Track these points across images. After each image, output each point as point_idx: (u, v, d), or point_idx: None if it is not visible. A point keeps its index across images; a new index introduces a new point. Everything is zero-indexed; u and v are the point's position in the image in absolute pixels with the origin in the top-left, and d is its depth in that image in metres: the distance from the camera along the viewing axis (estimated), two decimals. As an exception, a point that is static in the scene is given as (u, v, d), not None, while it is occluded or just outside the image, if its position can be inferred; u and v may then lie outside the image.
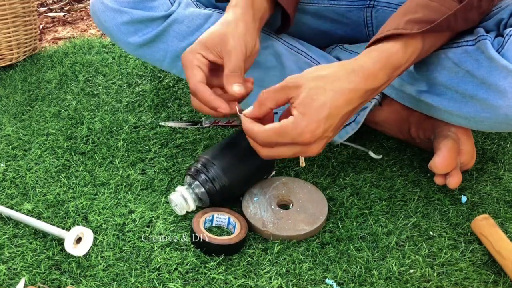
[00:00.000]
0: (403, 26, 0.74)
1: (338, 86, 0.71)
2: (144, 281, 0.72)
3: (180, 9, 0.98)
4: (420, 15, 0.75)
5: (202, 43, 0.81)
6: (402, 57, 0.74)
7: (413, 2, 0.78)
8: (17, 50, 1.35)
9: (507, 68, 0.74)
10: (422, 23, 0.74)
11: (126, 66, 1.33)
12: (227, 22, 0.82)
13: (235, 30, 0.80)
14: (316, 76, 0.72)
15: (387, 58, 0.74)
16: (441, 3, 0.76)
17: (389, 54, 0.74)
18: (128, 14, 0.97)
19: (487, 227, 0.78)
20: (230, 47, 0.79)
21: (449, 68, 0.81)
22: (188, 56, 0.81)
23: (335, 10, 1.04)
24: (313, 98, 0.70)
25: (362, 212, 0.86)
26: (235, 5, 0.85)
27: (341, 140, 1.00)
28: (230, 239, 0.76)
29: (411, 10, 0.76)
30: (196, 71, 0.79)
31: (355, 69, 0.72)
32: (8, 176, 0.93)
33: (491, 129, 0.83)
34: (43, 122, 1.09)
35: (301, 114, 0.70)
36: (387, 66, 0.73)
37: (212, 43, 0.80)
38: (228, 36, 0.80)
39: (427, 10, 0.75)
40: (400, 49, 0.74)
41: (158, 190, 0.89)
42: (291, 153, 0.74)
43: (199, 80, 0.79)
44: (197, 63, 0.80)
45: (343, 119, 0.73)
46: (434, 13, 0.75)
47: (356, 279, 0.73)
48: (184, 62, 0.81)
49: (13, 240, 0.79)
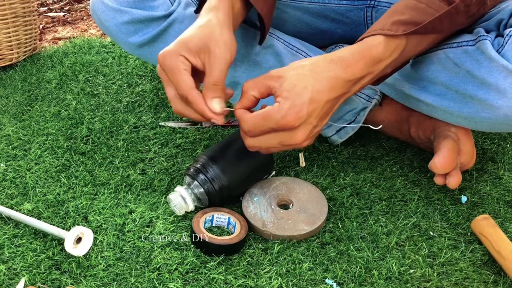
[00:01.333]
0: (389, 27, 0.75)
1: (319, 72, 0.72)
2: (144, 281, 0.72)
3: (180, 9, 0.98)
4: (406, 17, 0.75)
5: (184, 44, 0.77)
6: (383, 51, 0.74)
7: (401, 3, 0.78)
8: (17, 50, 1.35)
9: (507, 69, 0.74)
10: (407, 24, 0.75)
11: (126, 66, 1.33)
12: (211, 27, 0.78)
13: (220, 36, 0.77)
14: (297, 66, 0.74)
15: (367, 49, 0.74)
16: (428, 4, 0.76)
17: (370, 46, 0.74)
18: (129, 13, 0.97)
19: (487, 227, 0.78)
20: (214, 56, 0.76)
21: (449, 68, 0.82)
22: (171, 58, 0.76)
23: (336, 10, 1.04)
24: (295, 83, 0.71)
25: (362, 212, 0.86)
26: (216, 7, 0.81)
27: (341, 140, 1.00)
28: (230, 239, 0.76)
29: (398, 11, 0.77)
30: (185, 77, 0.76)
31: (333, 59, 0.74)
32: (8, 176, 0.93)
33: (491, 129, 0.83)
34: (43, 122, 1.09)
35: (284, 98, 0.71)
36: (367, 58, 0.74)
37: (196, 47, 0.76)
38: (213, 43, 0.76)
39: (414, 12, 0.76)
40: (382, 42, 0.74)
41: (158, 190, 0.89)
42: (277, 141, 0.73)
43: (192, 86, 0.75)
44: (183, 67, 0.76)
45: (327, 108, 0.74)
46: (421, 15, 0.75)
47: (356, 279, 0.73)
48: (167, 65, 0.76)
49: (13, 240, 0.79)
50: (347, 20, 1.05)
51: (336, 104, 0.76)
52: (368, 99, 0.99)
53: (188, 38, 0.77)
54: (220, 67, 0.76)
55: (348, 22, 1.06)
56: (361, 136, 1.04)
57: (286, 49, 1.01)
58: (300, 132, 0.72)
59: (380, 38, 0.74)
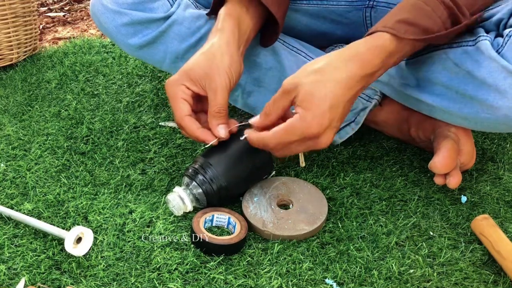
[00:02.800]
0: (392, 25, 0.75)
1: (336, 76, 0.73)
2: (144, 281, 0.72)
3: (180, 10, 0.98)
4: (411, 16, 0.76)
5: (186, 74, 0.82)
6: (395, 45, 0.75)
7: (408, 2, 0.78)
8: (17, 50, 1.36)
9: (507, 69, 0.74)
10: (411, 25, 0.75)
11: (126, 66, 1.33)
12: (212, 53, 0.82)
13: (221, 63, 0.81)
14: (312, 70, 0.74)
15: (382, 45, 0.75)
16: (433, 9, 0.76)
17: (383, 40, 0.75)
18: (128, 15, 0.97)
19: (487, 227, 0.79)
20: (215, 84, 0.80)
21: (449, 68, 0.82)
22: (172, 88, 0.82)
23: (334, 11, 1.04)
24: (313, 92, 0.72)
25: (362, 212, 0.86)
26: (221, 29, 0.85)
27: (341, 140, 1.00)
28: (230, 239, 0.76)
29: (404, 10, 0.77)
30: (181, 104, 0.81)
31: (351, 58, 0.74)
32: (8, 176, 0.93)
33: (491, 129, 0.83)
34: (43, 122, 1.09)
35: (305, 109, 0.72)
36: (381, 52, 0.74)
37: (197, 76, 0.81)
38: (213, 71, 0.80)
39: (419, 13, 0.76)
40: (393, 39, 0.75)
41: (158, 190, 0.89)
42: (303, 148, 0.75)
43: (186, 114, 0.81)
44: (181, 95, 0.81)
45: (347, 107, 0.75)
46: (426, 18, 0.76)
47: (356, 279, 0.73)
48: (168, 93, 0.82)
49: (13, 240, 0.79)
50: (346, 21, 1.05)
51: (353, 101, 0.76)
52: (368, 99, 0.99)
53: (191, 66, 0.82)
54: (221, 95, 0.80)
55: (347, 22, 1.06)
56: (361, 136, 1.04)
57: (286, 49, 1.01)
58: (324, 138, 0.74)
59: (389, 36, 0.75)
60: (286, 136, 0.74)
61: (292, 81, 0.74)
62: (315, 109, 0.71)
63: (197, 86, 0.82)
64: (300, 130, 0.72)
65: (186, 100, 0.82)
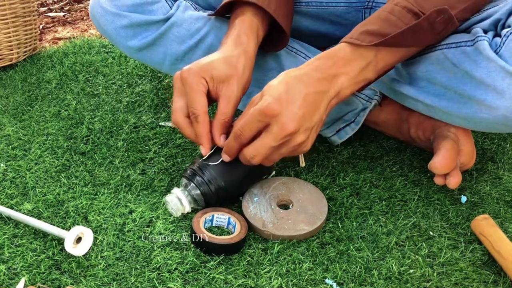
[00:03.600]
0: (356, 36, 0.77)
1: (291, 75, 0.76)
2: (144, 280, 0.72)
3: (179, 12, 0.98)
4: (375, 27, 0.77)
5: (207, 70, 0.82)
6: (351, 52, 0.77)
7: (375, 14, 0.80)
8: (17, 50, 1.36)
9: (504, 69, 0.74)
10: (375, 35, 0.76)
11: (126, 66, 1.33)
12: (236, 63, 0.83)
13: (241, 78, 0.83)
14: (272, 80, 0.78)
15: (333, 52, 0.77)
16: (399, 17, 0.77)
17: (337, 49, 0.78)
18: (127, 17, 0.97)
19: (487, 227, 0.79)
20: (231, 93, 0.82)
21: (448, 68, 0.82)
22: (195, 78, 0.81)
23: (333, 12, 1.04)
24: (270, 83, 0.76)
25: (362, 212, 0.86)
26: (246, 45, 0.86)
27: (340, 140, 1.00)
28: (230, 239, 0.76)
29: (370, 22, 0.79)
30: (203, 99, 0.81)
31: (301, 66, 0.78)
32: (8, 176, 0.93)
33: (490, 129, 0.83)
34: (43, 122, 1.09)
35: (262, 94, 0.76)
36: (334, 58, 0.77)
37: (219, 77, 0.82)
38: (233, 81, 0.82)
39: (384, 23, 0.77)
40: (348, 47, 0.77)
41: (158, 190, 0.89)
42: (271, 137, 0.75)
43: (205, 110, 0.81)
44: (202, 89, 0.81)
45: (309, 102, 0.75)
46: (390, 27, 0.77)
47: (356, 279, 0.73)
48: (190, 82, 0.81)
49: (13, 240, 0.79)
50: (346, 22, 1.06)
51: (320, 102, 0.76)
52: (368, 100, 0.99)
53: (215, 65, 0.82)
54: (232, 105, 0.82)
55: (346, 23, 1.06)
56: (361, 136, 1.04)
57: (286, 50, 1.01)
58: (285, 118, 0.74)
59: (346, 45, 0.78)
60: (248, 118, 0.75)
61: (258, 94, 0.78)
62: (271, 90, 0.74)
63: (213, 86, 0.82)
64: (258, 108, 0.74)
65: (205, 93, 0.81)
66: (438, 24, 0.78)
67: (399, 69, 0.90)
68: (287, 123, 0.74)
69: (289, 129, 0.74)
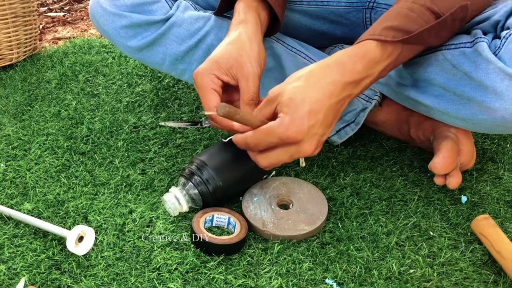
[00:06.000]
0: (380, 32, 0.75)
1: (315, 81, 0.73)
2: (144, 280, 0.72)
3: (179, 12, 0.98)
4: (397, 23, 0.76)
5: (216, 62, 0.82)
6: (380, 53, 0.75)
7: (394, 11, 0.79)
8: (17, 50, 1.36)
9: (503, 71, 0.74)
10: (398, 31, 0.75)
11: (126, 66, 1.33)
12: (241, 42, 0.83)
13: (251, 51, 0.82)
14: (294, 79, 0.74)
15: (364, 52, 0.74)
16: (419, 15, 0.77)
17: (366, 49, 0.75)
18: (127, 18, 0.97)
19: (487, 227, 0.79)
20: (247, 72, 0.81)
21: (447, 69, 0.82)
22: (202, 78, 0.81)
23: (334, 12, 1.04)
24: (292, 97, 0.72)
25: (362, 212, 0.86)
26: (245, 20, 0.86)
27: (340, 140, 1.00)
28: (230, 239, 0.76)
29: (390, 18, 0.78)
30: (212, 96, 0.81)
31: (329, 64, 0.74)
32: (8, 176, 0.93)
33: (489, 131, 0.83)
34: (43, 122, 1.09)
35: (284, 113, 0.72)
36: (364, 59, 0.74)
37: (227, 64, 0.81)
38: (244, 58, 0.81)
39: (405, 20, 0.76)
40: (378, 46, 0.75)
41: (158, 190, 0.89)
42: (287, 156, 0.75)
43: (216, 105, 0.80)
44: (212, 85, 0.81)
45: (330, 114, 0.74)
46: (412, 23, 0.76)
47: (356, 279, 0.73)
48: (197, 83, 0.82)
49: (13, 240, 0.79)
50: (346, 22, 1.06)
51: (340, 109, 0.76)
52: (368, 100, 0.99)
53: (219, 55, 0.82)
54: (253, 83, 0.80)
55: (347, 23, 1.06)
56: (361, 136, 1.04)
57: (286, 50, 1.01)
58: (306, 144, 0.73)
59: (375, 43, 0.75)
60: (265, 137, 0.73)
61: (275, 90, 0.74)
62: (293, 112, 0.71)
63: (227, 75, 0.82)
64: (278, 133, 0.72)
65: (216, 91, 0.81)
66: (458, 21, 0.78)
67: (399, 70, 0.90)
68: (307, 148, 0.73)
69: (308, 152, 0.74)
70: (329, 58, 0.75)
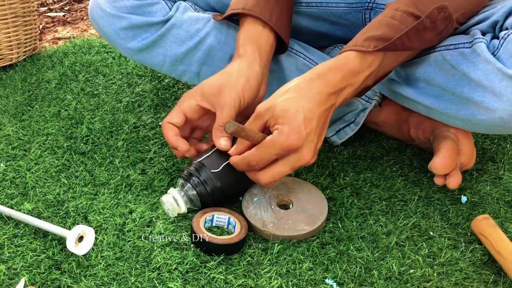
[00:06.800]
0: (361, 43, 0.77)
1: (304, 93, 0.76)
2: (144, 280, 0.72)
3: (179, 14, 0.98)
4: (379, 33, 0.77)
5: (200, 89, 0.85)
6: (359, 64, 0.77)
7: (377, 19, 0.81)
8: (17, 50, 1.36)
9: (502, 71, 0.74)
10: (379, 40, 0.77)
11: (126, 66, 1.33)
12: (229, 73, 0.86)
13: (235, 83, 0.84)
14: (282, 92, 0.77)
15: (344, 64, 0.77)
16: (401, 21, 0.78)
17: (346, 61, 0.77)
18: (127, 19, 0.97)
19: (487, 227, 0.79)
20: (223, 101, 0.83)
21: (446, 70, 0.82)
22: (183, 99, 0.86)
23: (334, 13, 1.04)
24: (287, 108, 0.74)
25: (362, 212, 0.86)
26: (242, 54, 0.88)
27: (340, 140, 1.00)
28: (230, 239, 0.76)
29: (373, 28, 0.79)
30: (174, 113, 0.85)
31: (312, 78, 0.77)
32: (8, 176, 0.93)
33: (488, 131, 0.83)
34: (43, 122, 1.09)
35: (281, 124, 0.74)
36: (344, 71, 0.77)
37: (209, 92, 0.84)
38: (225, 89, 0.84)
39: (387, 28, 0.78)
40: (358, 56, 0.77)
41: (158, 190, 0.89)
42: (289, 167, 0.77)
43: (168, 121, 0.85)
44: (183, 107, 0.85)
45: (321, 122, 0.77)
46: (394, 31, 0.77)
47: (356, 279, 0.73)
48: (179, 102, 0.86)
49: (13, 240, 0.79)
50: (346, 22, 1.06)
51: (328, 117, 0.79)
52: (368, 100, 0.99)
53: (207, 82, 0.86)
54: (227, 112, 0.82)
55: (347, 24, 1.06)
56: (361, 136, 1.04)
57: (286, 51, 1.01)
58: (305, 151, 0.76)
59: (355, 54, 0.77)
60: (267, 151, 0.75)
61: (265, 104, 0.76)
62: (290, 121, 0.74)
63: (207, 102, 0.85)
64: (279, 142, 0.74)
65: (183, 112, 0.85)
66: (439, 22, 0.78)
67: (398, 70, 0.90)
68: (306, 155, 0.76)
69: (307, 159, 0.76)
70: (311, 72, 0.78)
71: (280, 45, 0.95)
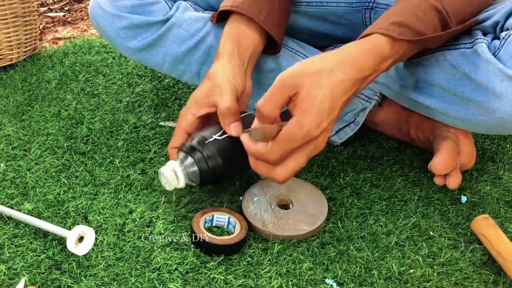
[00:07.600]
0: (386, 27, 0.74)
1: (334, 78, 0.70)
2: (144, 281, 0.72)
3: (179, 13, 0.98)
4: (404, 19, 0.75)
5: (193, 99, 0.84)
6: (389, 50, 0.73)
7: (401, 6, 0.78)
8: (17, 50, 1.36)
9: (503, 72, 0.74)
10: (404, 27, 0.74)
11: (126, 66, 1.33)
12: (214, 73, 0.84)
13: (222, 75, 0.83)
14: (314, 71, 0.71)
15: (376, 48, 0.73)
16: (425, 13, 0.76)
17: (377, 44, 0.73)
18: (127, 19, 0.97)
19: (487, 227, 0.79)
20: (220, 90, 0.81)
21: (447, 70, 0.82)
22: (180, 118, 0.85)
23: (334, 12, 1.04)
24: (314, 94, 0.69)
25: (362, 212, 0.86)
26: (221, 52, 0.87)
27: (340, 140, 1.00)
28: (230, 239, 0.76)
29: (397, 13, 0.76)
30: (176, 137, 0.84)
31: (344, 61, 0.72)
32: (8, 176, 0.93)
33: (488, 131, 0.83)
34: (43, 122, 1.09)
35: (304, 111, 0.69)
36: (376, 56, 0.73)
37: (202, 97, 0.83)
38: (216, 85, 0.82)
39: (412, 17, 0.75)
40: (388, 42, 0.73)
41: (158, 190, 0.89)
42: (305, 157, 0.72)
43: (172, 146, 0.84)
44: (182, 126, 0.84)
45: (341, 110, 0.73)
46: (418, 22, 0.75)
47: (356, 279, 0.73)
48: (177, 122, 0.85)
49: (13, 240, 0.79)
50: (346, 22, 1.06)
51: (348, 103, 0.75)
52: (368, 100, 0.99)
53: (196, 91, 0.85)
54: (227, 96, 0.80)
55: (347, 23, 1.06)
56: (361, 136, 1.04)
57: (285, 51, 1.01)
58: (320, 139, 0.71)
59: (385, 38, 0.73)
60: (288, 145, 0.70)
61: (293, 77, 0.70)
62: (314, 111, 0.69)
63: (203, 107, 0.83)
64: (301, 135, 0.69)
65: (185, 131, 0.84)
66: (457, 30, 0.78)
67: (399, 70, 0.90)
68: (323, 142, 0.72)
69: (323, 146, 0.72)
70: (341, 52, 0.73)
71: (274, 43, 0.94)
